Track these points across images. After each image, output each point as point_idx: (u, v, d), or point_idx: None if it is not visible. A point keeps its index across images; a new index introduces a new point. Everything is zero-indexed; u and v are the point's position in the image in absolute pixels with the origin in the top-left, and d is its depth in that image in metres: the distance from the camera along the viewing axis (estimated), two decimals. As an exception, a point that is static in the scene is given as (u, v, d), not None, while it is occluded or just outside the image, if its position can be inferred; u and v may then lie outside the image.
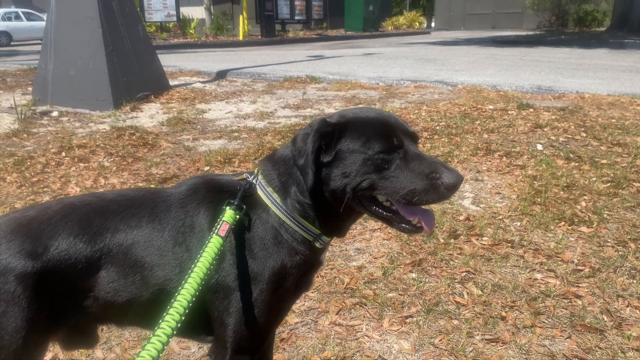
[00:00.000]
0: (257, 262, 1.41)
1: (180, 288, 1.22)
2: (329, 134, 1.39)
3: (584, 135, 5.30)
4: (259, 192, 1.47)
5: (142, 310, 1.41)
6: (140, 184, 4.13)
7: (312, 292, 2.62)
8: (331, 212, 1.44)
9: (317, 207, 1.44)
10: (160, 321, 1.14)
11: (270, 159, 1.53)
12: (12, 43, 26.51)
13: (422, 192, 1.34)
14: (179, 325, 1.15)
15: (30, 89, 8.43)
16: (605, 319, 2.38)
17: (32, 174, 4.40)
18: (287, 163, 1.47)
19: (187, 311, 1.18)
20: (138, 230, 1.40)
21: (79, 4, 7.25)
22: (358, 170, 1.36)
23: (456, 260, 2.93)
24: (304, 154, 1.37)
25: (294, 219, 1.44)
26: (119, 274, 1.37)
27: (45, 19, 13.88)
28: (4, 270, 1.25)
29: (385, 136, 1.38)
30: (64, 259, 1.32)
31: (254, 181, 1.49)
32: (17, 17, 27.80)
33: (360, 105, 6.64)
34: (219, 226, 1.34)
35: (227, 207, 1.39)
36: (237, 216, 1.39)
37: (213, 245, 1.30)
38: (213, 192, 1.48)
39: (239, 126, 6.25)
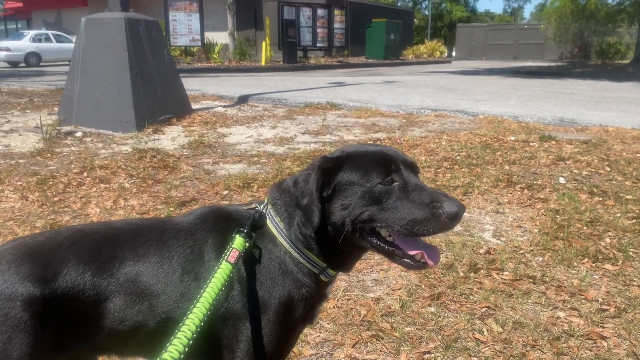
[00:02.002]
0: (264, 292, 1.40)
1: (188, 312, 1.21)
2: (330, 170, 1.40)
3: (608, 169, 5.21)
4: (268, 222, 1.48)
5: (146, 340, 1.40)
6: (160, 207, 4.14)
7: (328, 323, 2.58)
8: (334, 245, 1.43)
9: (319, 240, 1.44)
10: (168, 345, 1.13)
11: (278, 188, 1.54)
12: (41, 63, 27.29)
13: (423, 222, 1.31)
14: (185, 350, 1.13)
15: (56, 109, 8.63)
16: (632, 362, 2.29)
17: (54, 193, 4.45)
18: (293, 193, 1.48)
19: (194, 336, 1.17)
20: (146, 258, 1.40)
21: (107, 28, 7.45)
22: (357, 203, 1.36)
23: (476, 295, 2.86)
24: (307, 194, 1.38)
25: (299, 251, 1.44)
26: (126, 302, 1.35)
27: (73, 40, 14.28)
28: (12, 296, 1.23)
29: (383, 167, 1.37)
30: (72, 285, 1.30)
31: (263, 210, 1.50)
32: (47, 39, 28.63)
33: (369, 143, 6.65)
34: (228, 253, 1.34)
35: (237, 235, 1.39)
36: (247, 244, 1.39)
37: (222, 271, 1.30)
38: (221, 221, 1.50)
39: (258, 151, 6.29)
